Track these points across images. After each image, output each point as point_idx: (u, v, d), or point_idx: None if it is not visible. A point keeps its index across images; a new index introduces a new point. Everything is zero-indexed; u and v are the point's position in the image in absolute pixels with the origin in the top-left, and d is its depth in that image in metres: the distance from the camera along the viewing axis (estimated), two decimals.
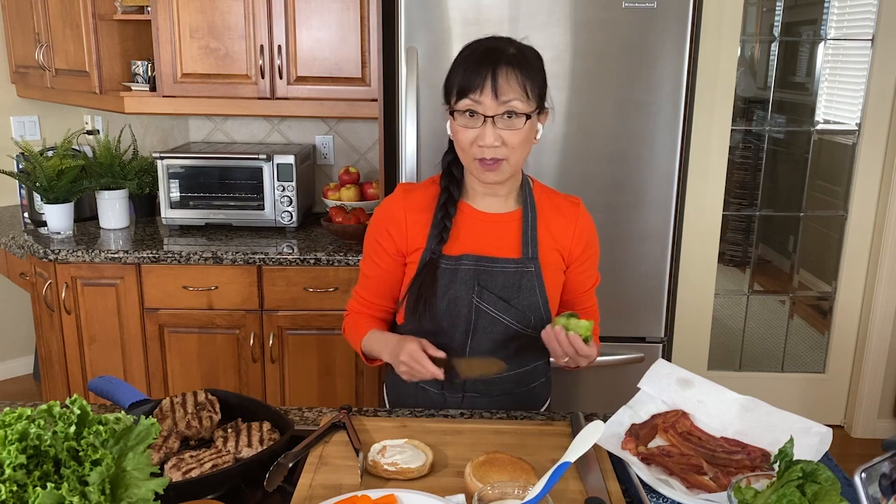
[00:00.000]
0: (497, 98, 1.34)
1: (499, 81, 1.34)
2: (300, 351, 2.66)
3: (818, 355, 3.46)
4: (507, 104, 1.35)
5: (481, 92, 1.35)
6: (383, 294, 1.58)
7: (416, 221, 1.50)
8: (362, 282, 1.61)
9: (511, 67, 1.35)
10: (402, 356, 1.40)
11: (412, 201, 1.52)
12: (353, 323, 1.61)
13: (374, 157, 3.14)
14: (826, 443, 1.28)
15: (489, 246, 1.49)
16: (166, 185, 2.81)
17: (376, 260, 1.55)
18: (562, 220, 1.52)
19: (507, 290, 1.48)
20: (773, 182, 3.39)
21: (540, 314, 1.50)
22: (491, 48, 1.38)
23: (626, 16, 2.19)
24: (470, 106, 1.36)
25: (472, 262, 1.47)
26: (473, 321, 1.49)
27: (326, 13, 2.68)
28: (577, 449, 1.04)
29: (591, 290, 1.61)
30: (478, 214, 1.50)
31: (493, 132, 1.36)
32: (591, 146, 2.29)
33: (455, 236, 1.48)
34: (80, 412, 0.91)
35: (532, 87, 1.38)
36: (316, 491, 1.19)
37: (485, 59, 1.36)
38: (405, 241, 1.51)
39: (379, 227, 1.54)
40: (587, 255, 1.56)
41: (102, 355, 2.67)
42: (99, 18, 2.81)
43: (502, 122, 1.36)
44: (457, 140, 1.42)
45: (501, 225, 1.50)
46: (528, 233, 1.49)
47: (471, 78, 1.35)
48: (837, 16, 3.20)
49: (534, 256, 1.49)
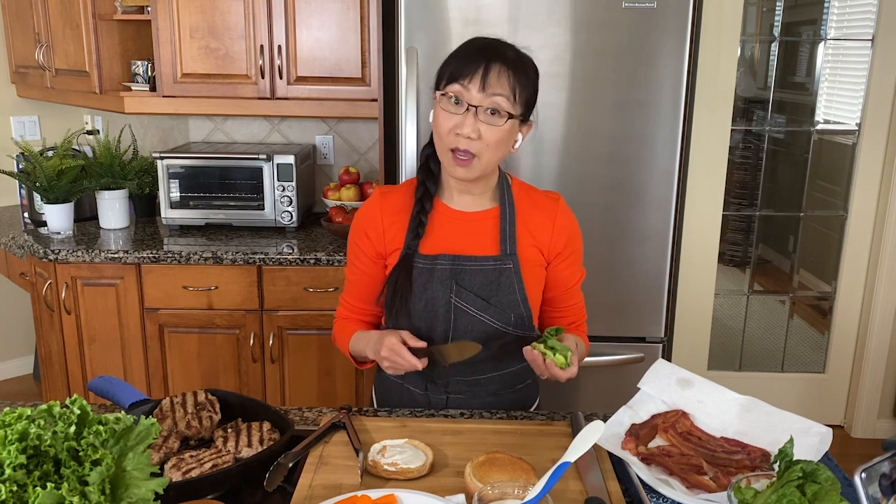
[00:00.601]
0: (484, 90, 1.35)
1: (490, 75, 1.35)
2: (300, 351, 2.66)
3: (818, 355, 3.46)
4: (492, 99, 1.35)
5: (470, 80, 1.35)
6: (366, 298, 1.58)
7: (392, 223, 1.50)
8: (347, 287, 1.61)
9: (505, 66, 1.36)
10: (383, 351, 1.40)
11: (389, 203, 1.52)
12: (341, 329, 1.62)
13: (374, 157, 3.14)
14: (826, 443, 1.28)
15: (466, 244, 1.48)
16: (166, 185, 2.81)
17: (357, 264, 1.56)
18: (541, 217, 1.51)
19: (485, 288, 1.47)
20: (773, 182, 3.39)
21: (520, 311, 1.49)
22: (490, 44, 1.40)
23: (626, 16, 2.19)
24: (457, 92, 1.36)
25: (449, 262, 1.46)
26: (452, 321, 1.48)
27: (326, 13, 2.68)
28: (577, 449, 1.04)
29: (577, 287, 1.60)
30: (453, 213, 1.50)
31: (473, 123, 1.36)
32: (591, 146, 2.29)
33: (431, 235, 1.48)
34: (80, 412, 0.91)
35: (521, 92, 1.38)
36: (316, 491, 1.19)
37: (481, 51, 1.38)
38: (383, 243, 1.51)
39: (358, 231, 1.55)
40: (569, 250, 1.54)
41: (102, 355, 2.67)
42: (99, 18, 2.82)
43: (484, 116, 1.36)
44: (436, 126, 1.42)
45: (478, 223, 1.49)
46: (505, 230, 1.48)
47: (463, 66, 1.36)
48: (837, 16, 3.20)
49: (512, 252, 1.47)
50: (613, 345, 2.37)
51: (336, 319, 1.65)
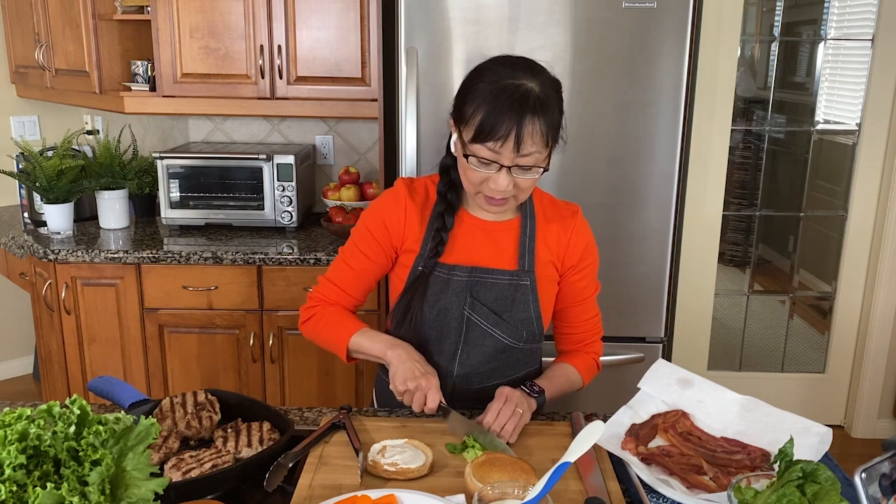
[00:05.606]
0: (518, 151, 1.29)
1: (523, 135, 1.27)
2: (300, 351, 2.66)
3: (818, 355, 3.46)
4: (526, 157, 1.30)
5: (503, 144, 1.28)
6: (360, 288, 1.53)
7: (414, 221, 1.46)
8: (341, 271, 1.52)
9: (536, 116, 1.28)
10: (411, 383, 1.35)
11: (414, 199, 1.47)
12: (333, 315, 1.51)
13: (374, 157, 3.14)
14: (826, 443, 1.28)
15: (484, 255, 1.46)
16: (166, 185, 2.81)
17: (368, 252, 1.49)
18: (558, 229, 1.48)
19: (499, 302, 1.45)
20: (773, 182, 3.39)
21: (532, 329, 1.48)
22: (518, 94, 1.28)
23: (626, 16, 2.19)
24: (488, 156, 1.30)
25: (466, 274, 1.44)
26: (464, 333, 1.46)
27: (326, 13, 2.68)
28: (577, 449, 1.04)
29: (591, 300, 1.55)
30: (474, 221, 1.47)
31: (507, 178, 1.32)
32: (591, 146, 2.29)
33: (450, 244, 1.45)
34: (80, 412, 0.91)
35: (553, 133, 1.32)
36: (316, 491, 1.19)
37: (511, 106, 1.27)
38: (401, 239, 1.47)
39: (376, 220, 1.48)
40: (583, 264, 1.51)
41: (102, 355, 2.67)
42: (99, 18, 2.81)
43: (518, 171, 1.32)
44: (464, 174, 1.38)
45: (498, 234, 1.47)
46: (525, 244, 1.46)
47: (494, 125, 1.28)
48: (837, 16, 3.20)
49: (530, 269, 1.46)
50: (613, 345, 2.37)
51: (315, 305, 1.54)
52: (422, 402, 1.35)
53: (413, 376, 1.36)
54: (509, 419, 1.34)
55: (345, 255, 1.53)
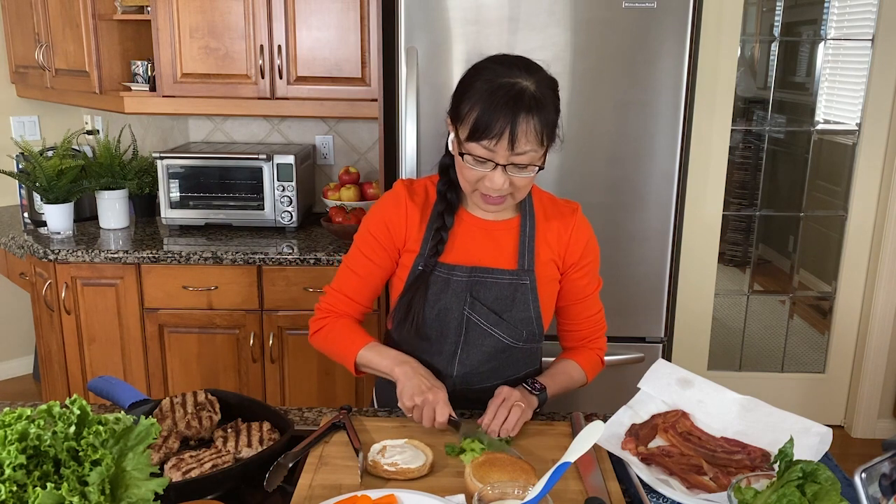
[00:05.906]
0: (513, 149, 1.29)
1: (517, 133, 1.28)
2: (300, 351, 2.66)
3: (818, 355, 3.46)
4: (521, 156, 1.31)
5: (497, 142, 1.29)
6: (367, 294, 1.52)
7: (414, 221, 1.47)
8: (347, 279, 1.52)
9: (531, 115, 1.29)
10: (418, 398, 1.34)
11: (413, 200, 1.48)
12: (342, 328, 1.51)
13: (374, 157, 3.14)
14: (826, 443, 1.28)
15: (484, 255, 1.46)
16: (166, 185, 2.81)
17: (372, 257, 1.49)
18: (558, 227, 1.49)
19: (499, 302, 1.45)
20: (773, 182, 3.39)
21: (532, 328, 1.48)
22: (513, 93, 1.29)
23: (626, 16, 2.19)
24: (483, 154, 1.31)
25: (466, 274, 1.44)
26: (464, 333, 1.46)
27: (326, 13, 2.68)
28: (577, 449, 1.04)
29: (594, 296, 1.55)
30: (473, 220, 1.47)
31: (502, 177, 1.32)
32: (591, 146, 2.29)
33: (450, 243, 1.45)
34: (80, 412, 0.91)
35: (548, 132, 1.33)
36: (316, 491, 1.19)
37: (506, 104, 1.28)
38: (403, 239, 1.47)
39: (378, 223, 1.48)
40: (585, 261, 1.51)
41: (102, 355, 2.67)
42: (99, 18, 2.81)
43: (513, 170, 1.33)
44: (461, 173, 1.38)
45: (498, 233, 1.47)
46: (525, 243, 1.46)
47: (489, 123, 1.28)
48: (837, 16, 3.20)
49: (530, 268, 1.46)
50: (613, 345, 2.36)
51: (325, 316, 1.53)
52: (431, 417, 1.34)
53: (420, 391, 1.35)
54: (508, 415, 1.34)
55: (349, 262, 1.53)
